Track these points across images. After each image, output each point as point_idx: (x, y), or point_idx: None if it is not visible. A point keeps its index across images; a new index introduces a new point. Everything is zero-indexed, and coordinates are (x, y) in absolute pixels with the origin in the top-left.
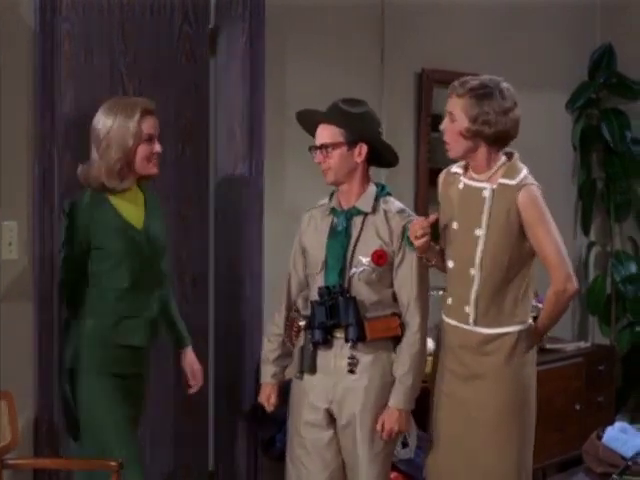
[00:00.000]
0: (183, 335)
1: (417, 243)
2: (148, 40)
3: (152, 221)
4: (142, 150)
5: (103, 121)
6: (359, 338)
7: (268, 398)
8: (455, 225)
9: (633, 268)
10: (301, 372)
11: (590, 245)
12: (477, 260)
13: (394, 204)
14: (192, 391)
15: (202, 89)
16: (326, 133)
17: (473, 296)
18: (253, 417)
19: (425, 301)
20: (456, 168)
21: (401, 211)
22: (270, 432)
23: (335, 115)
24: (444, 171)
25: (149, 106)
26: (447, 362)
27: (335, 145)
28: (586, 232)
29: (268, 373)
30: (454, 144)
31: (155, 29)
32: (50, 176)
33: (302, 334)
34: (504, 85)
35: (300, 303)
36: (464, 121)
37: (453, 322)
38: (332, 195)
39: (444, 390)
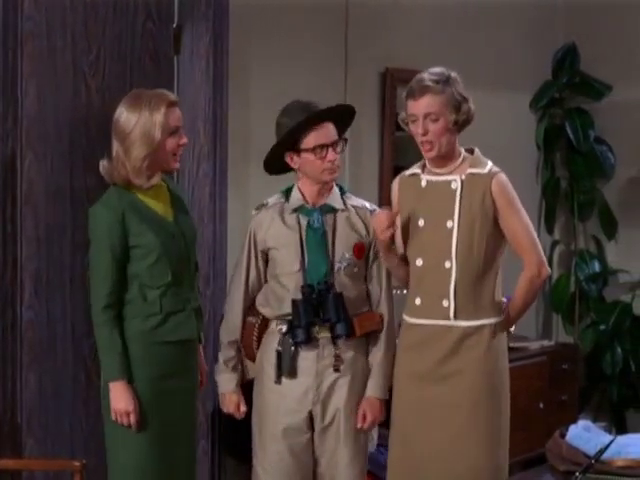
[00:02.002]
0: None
1: (384, 235)
2: (111, 39)
3: (180, 212)
4: (169, 144)
5: (126, 116)
6: (348, 334)
7: (237, 407)
8: (421, 222)
9: (597, 267)
10: (279, 377)
11: (554, 244)
12: (453, 251)
13: (358, 200)
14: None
15: (166, 88)
16: (333, 129)
17: (452, 289)
18: (217, 419)
19: (392, 295)
20: (413, 170)
21: (369, 206)
22: (232, 432)
23: (343, 110)
24: (397, 179)
25: (173, 98)
26: (412, 365)
27: (343, 140)
28: (550, 231)
29: (232, 381)
30: (441, 141)
31: (118, 27)
32: (13, 176)
33: (271, 338)
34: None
35: (267, 310)
36: (449, 115)
37: (424, 321)
38: (288, 193)
39: (410, 392)
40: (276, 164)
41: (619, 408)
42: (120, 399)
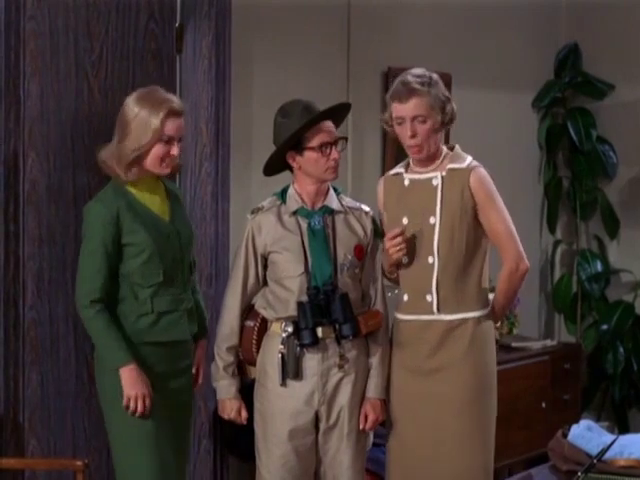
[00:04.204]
0: (202, 325)
1: (397, 255)
2: (114, 38)
3: (177, 211)
4: (157, 149)
5: (131, 107)
6: (355, 334)
7: (239, 412)
8: (405, 220)
9: (599, 267)
10: (284, 379)
11: (556, 243)
12: (435, 247)
13: (352, 201)
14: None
15: (168, 87)
16: (333, 127)
17: (434, 283)
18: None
19: (385, 295)
20: (396, 169)
21: (364, 207)
22: (234, 432)
23: (343, 109)
24: (382, 179)
25: (178, 107)
26: (404, 360)
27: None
28: (552, 230)
29: (232, 388)
30: (429, 142)
31: (121, 27)
32: (15, 176)
33: (273, 340)
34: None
35: (270, 313)
36: (436, 116)
37: (411, 317)
38: (283, 195)
39: (402, 388)
40: (274, 165)
41: (621, 408)
42: (134, 383)
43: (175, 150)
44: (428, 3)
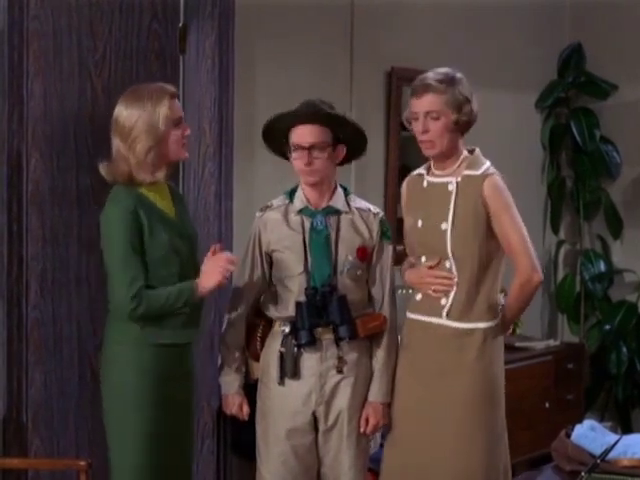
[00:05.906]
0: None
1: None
2: (117, 38)
3: (182, 211)
4: (174, 135)
5: (127, 113)
6: (352, 337)
7: (240, 408)
8: (420, 223)
9: (602, 267)
10: (282, 378)
11: (559, 244)
12: (449, 253)
13: (362, 202)
14: None
15: None
16: (316, 133)
17: (454, 288)
18: (223, 418)
19: (395, 298)
20: (419, 170)
21: (373, 208)
22: (238, 431)
23: (325, 116)
24: (407, 178)
25: (173, 89)
26: (412, 360)
27: (326, 145)
28: (555, 231)
29: (235, 383)
30: (442, 140)
31: (124, 27)
32: (19, 176)
33: (275, 339)
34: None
35: (272, 312)
36: (450, 114)
37: (422, 317)
38: (292, 195)
39: (407, 390)
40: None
41: (625, 407)
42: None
43: (188, 129)
44: (431, 3)
